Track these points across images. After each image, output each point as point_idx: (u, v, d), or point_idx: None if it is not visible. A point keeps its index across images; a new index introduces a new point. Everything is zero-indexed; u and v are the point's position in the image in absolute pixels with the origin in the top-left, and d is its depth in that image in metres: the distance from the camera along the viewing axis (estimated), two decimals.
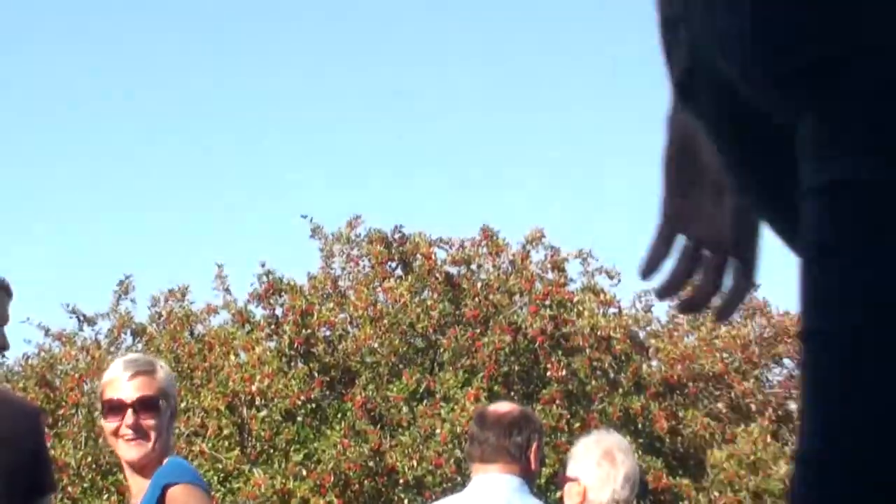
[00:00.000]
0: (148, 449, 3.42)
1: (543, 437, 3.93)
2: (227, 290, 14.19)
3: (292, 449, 13.07)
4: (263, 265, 13.70)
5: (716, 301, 1.38)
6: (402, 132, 23.69)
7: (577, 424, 12.98)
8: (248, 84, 23.35)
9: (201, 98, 23.72)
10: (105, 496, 12.93)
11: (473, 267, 14.00)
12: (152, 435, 3.43)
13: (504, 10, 24.33)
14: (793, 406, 14.91)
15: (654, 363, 14.51)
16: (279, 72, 23.15)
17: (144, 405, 3.44)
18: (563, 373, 13.31)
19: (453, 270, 13.88)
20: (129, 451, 3.44)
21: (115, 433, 3.45)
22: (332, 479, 12.52)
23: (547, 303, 13.57)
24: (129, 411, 3.42)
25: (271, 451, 13.18)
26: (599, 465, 4.00)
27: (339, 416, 13.31)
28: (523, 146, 23.36)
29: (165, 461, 3.44)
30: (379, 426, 13.07)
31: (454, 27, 23.76)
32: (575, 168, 24.12)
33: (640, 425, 13.74)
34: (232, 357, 13.65)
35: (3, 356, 13.94)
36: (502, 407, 4.07)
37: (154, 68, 23.92)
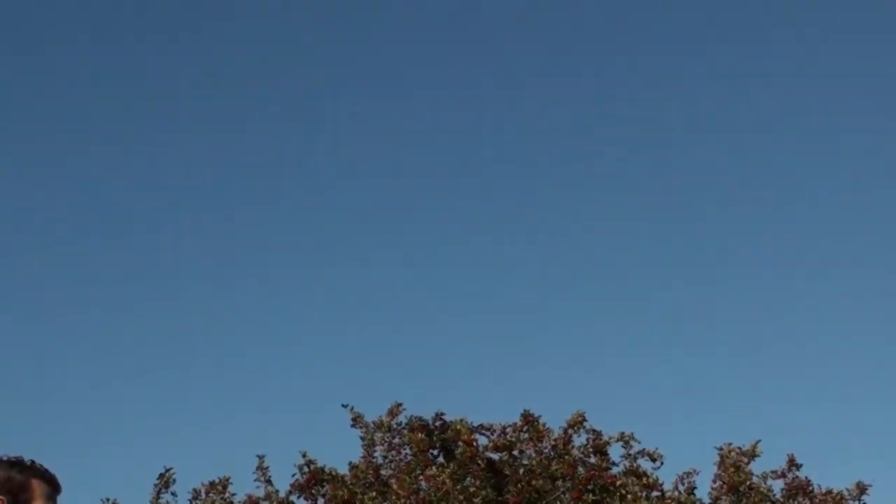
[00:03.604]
0: None
1: None
2: (269, 481, 14.12)
3: None
4: (304, 455, 13.72)
5: None
6: (439, 318, 23.88)
7: None
8: (288, 279, 23.62)
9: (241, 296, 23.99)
10: None
11: (515, 452, 13.94)
12: None
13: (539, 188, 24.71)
14: None
15: None
16: (315, 267, 23.45)
17: None
18: None
19: (495, 456, 13.82)
20: None
21: None
22: None
23: (590, 487, 13.48)
24: None
25: None
26: None
27: None
28: (562, 331, 23.53)
29: None
30: None
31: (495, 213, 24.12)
32: (614, 351, 24.20)
33: None
34: None
35: None
36: None
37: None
